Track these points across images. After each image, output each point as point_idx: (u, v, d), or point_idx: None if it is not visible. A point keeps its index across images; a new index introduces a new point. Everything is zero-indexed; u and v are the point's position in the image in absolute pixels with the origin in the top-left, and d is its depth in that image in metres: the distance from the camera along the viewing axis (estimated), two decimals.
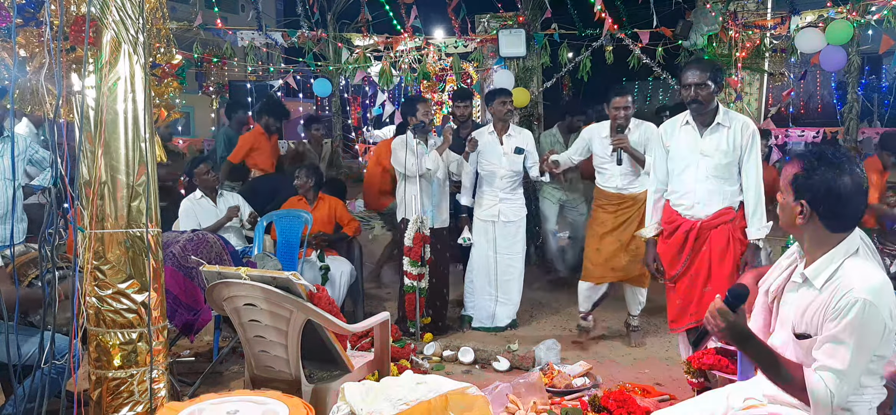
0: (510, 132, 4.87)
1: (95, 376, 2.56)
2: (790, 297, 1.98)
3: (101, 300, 2.50)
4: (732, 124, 3.37)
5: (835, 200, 1.83)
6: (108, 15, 2.43)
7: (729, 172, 3.39)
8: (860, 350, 1.76)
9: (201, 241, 3.87)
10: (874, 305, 1.74)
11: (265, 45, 7.64)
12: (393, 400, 2.26)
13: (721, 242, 3.40)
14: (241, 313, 2.91)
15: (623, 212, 4.42)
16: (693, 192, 3.45)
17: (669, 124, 3.61)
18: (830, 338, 1.79)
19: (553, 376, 3.80)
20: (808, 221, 1.88)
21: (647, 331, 4.88)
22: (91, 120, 2.46)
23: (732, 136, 3.36)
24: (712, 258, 3.41)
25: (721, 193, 3.41)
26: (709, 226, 3.42)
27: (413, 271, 4.65)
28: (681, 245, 3.47)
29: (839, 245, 1.86)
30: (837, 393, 1.77)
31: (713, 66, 3.43)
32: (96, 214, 2.47)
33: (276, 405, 2.30)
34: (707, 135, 3.40)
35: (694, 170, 3.44)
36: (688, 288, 3.48)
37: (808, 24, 6.14)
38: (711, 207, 3.42)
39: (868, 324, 1.75)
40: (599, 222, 4.49)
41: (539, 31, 6.98)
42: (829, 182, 1.82)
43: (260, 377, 3.01)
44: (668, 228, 3.56)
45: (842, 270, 1.83)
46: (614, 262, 4.41)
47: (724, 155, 3.36)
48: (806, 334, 1.88)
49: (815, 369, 1.81)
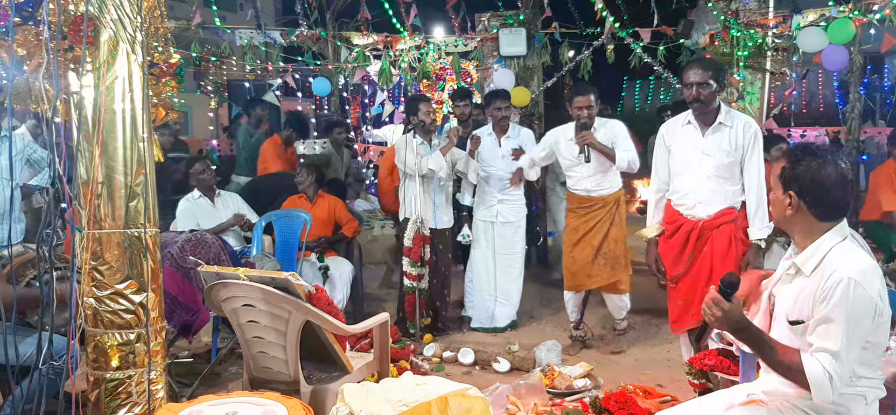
0: (509, 134, 4.87)
1: (93, 376, 2.55)
2: (783, 289, 2.04)
3: (99, 301, 2.49)
4: (734, 124, 3.35)
5: (819, 188, 1.91)
6: (107, 14, 2.42)
7: (731, 172, 3.37)
8: (851, 329, 1.79)
9: (199, 241, 3.86)
10: (860, 283, 1.80)
11: (264, 44, 7.62)
12: (393, 401, 2.25)
13: (723, 243, 3.38)
14: (239, 313, 2.89)
15: (593, 215, 4.30)
16: (694, 192, 3.44)
17: (671, 124, 3.59)
18: (821, 320, 1.84)
19: (554, 377, 3.79)
20: (797, 211, 1.95)
21: (647, 332, 4.87)
22: (89, 120, 2.45)
23: (734, 135, 3.34)
24: (714, 259, 3.39)
25: (723, 193, 3.39)
26: (710, 226, 3.41)
27: (413, 272, 4.64)
28: (682, 245, 3.46)
29: (827, 233, 1.93)
30: (835, 374, 1.79)
31: (715, 65, 3.41)
32: (94, 215, 2.45)
33: (274, 407, 2.29)
34: (709, 134, 3.39)
35: (695, 170, 3.42)
36: (690, 288, 3.46)
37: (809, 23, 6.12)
38: (713, 207, 3.40)
39: (856, 302, 1.79)
40: (571, 229, 4.39)
41: (540, 31, 6.96)
42: (814, 171, 1.91)
43: (259, 378, 3.00)
44: (669, 229, 3.54)
45: (830, 255, 1.90)
46: (590, 269, 4.29)
47: (725, 155, 3.34)
48: (798, 321, 1.92)
49: (810, 353, 1.84)
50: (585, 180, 4.31)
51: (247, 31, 7.60)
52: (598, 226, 4.28)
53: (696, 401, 2.40)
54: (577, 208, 4.38)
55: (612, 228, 4.28)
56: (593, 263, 4.27)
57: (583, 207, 4.34)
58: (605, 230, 4.27)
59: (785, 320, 1.98)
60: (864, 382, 1.90)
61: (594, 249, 4.27)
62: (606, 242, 4.27)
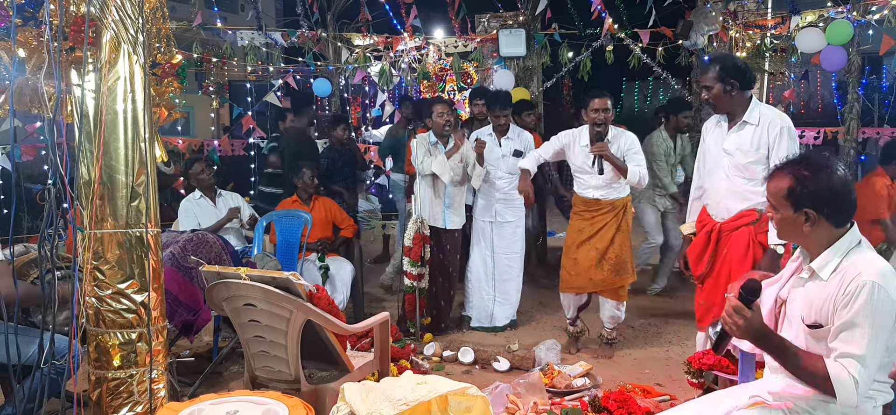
0: (509, 135, 4.88)
1: (95, 376, 2.55)
2: (797, 293, 2.01)
3: (101, 300, 2.50)
4: (761, 122, 3.18)
5: (835, 196, 1.88)
6: (108, 15, 2.42)
7: (752, 172, 3.20)
8: (875, 333, 1.78)
9: (201, 241, 3.87)
10: (883, 287, 1.78)
11: (265, 45, 7.64)
12: (393, 400, 2.26)
13: (741, 246, 3.23)
14: (240, 313, 2.90)
15: (600, 218, 4.22)
16: (716, 191, 3.33)
17: (710, 121, 3.47)
18: (845, 325, 1.82)
19: (553, 376, 3.80)
20: (815, 227, 1.92)
21: (647, 331, 4.88)
22: (90, 120, 2.46)
23: (759, 134, 3.18)
24: (732, 262, 3.25)
25: (742, 194, 3.23)
26: (729, 228, 3.27)
27: (413, 271, 4.65)
28: (704, 245, 3.35)
29: (843, 238, 1.92)
30: (860, 379, 1.78)
31: (721, 63, 3.24)
32: (96, 214, 2.46)
33: (275, 406, 2.30)
34: (732, 133, 3.25)
35: (718, 169, 3.31)
36: (712, 289, 3.34)
37: (808, 23, 6.14)
38: (732, 207, 3.26)
39: (879, 305, 1.78)
40: (576, 230, 4.31)
41: (539, 31, 6.97)
42: (826, 183, 1.88)
43: (260, 378, 3.01)
44: (697, 227, 3.48)
45: (847, 259, 1.88)
46: (593, 272, 4.21)
47: (744, 154, 3.19)
48: (817, 324, 1.90)
49: (834, 358, 1.82)
50: (594, 190, 4.25)
51: (248, 32, 7.61)
52: (604, 230, 4.21)
53: (696, 401, 2.38)
54: (582, 211, 4.31)
55: (618, 234, 4.21)
56: (597, 267, 4.20)
57: (589, 209, 4.27)
58: (611, 235, 4.20)
59: (800, 323, 1.95)
60: (876, 385, 1.90)
61: (600, 253, 4.20)
62: (613, 246, 4.19)
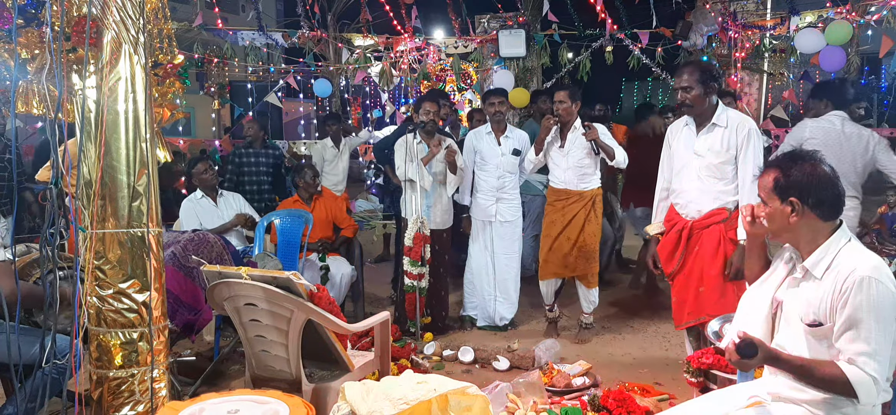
0: (508, 134, 4.89)
1: (96, 375, 2.57)
2: (793, 293, 2.01)
3: (102, 300, 2.51)
4: (729, 124, 3.35)
5: (819, 187, 1.92)
6: (109, 15, 2.44)
7: (722, 173, 3.36)
8: (880, 326, 1.80)
9: (202, 241, 3.88)
10: (879, 280, 1.80)
11: (266, 46, 7.65)
12: (393, 399, 2.27)
13: (712, 243, 3.38)
14: (241, 312, 2.91)
15: (570, 208, 4.52)
16: (687, 191, 3.47)
17: (675, 125, 3.62)
18: (847, 323, 1.83)
19: (553, 375, 3.81)
20: (801, 217, 1.94)
21: (646, 331, 4.89)
22: (92, 120, 2.47)
23: (728, 135, 3.34)
24: (704, 259, 3.40)
25: (713, 193, 3.39)
26: (700, 226, 3.42)
27: (413, 271, 4.66)
28: (675, 244, 3.48)
29: (834, 235, 1.94)
30: (876, 374, 1.79)
31: (700, 67, 3.41)
32: (97, 214, 2.48)
33: (276, 405, 2.31)
34: (701, 135, 3.40)
35: (689, 170, 3.45)
36: (683, 286, 3.48)
37: (807, 24, 6.15)
38: (703, 206, 3.41)
39: (879, 298, 1.80)
40: (549, 222, 4.62)
41: (539, 32, 6.99)
42: (809, 173, 1.93)
43: (261, 377, 3.01)
44: (667, 226, 3.58)
45: (839, 257, 1.90)
46: (566, 259, 4.56)
47: (715, 155, 3.35)
48: (817, 322, 1.91)
49: (846, 360, 1.83)
50: (565, 173, 4.54)
51: (249, 33, 7.62)
52: (574, 220, 4.52)
53: (696, 401, 2.39)
54: (555, 202, 4.61)
55: (587, 224, 4.52)
56: (569, 255, 4.54)
57: (560, 199, 4.57)
58: (581, 224, 4.51)
59: (799, 323, 1.96)
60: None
61: (571, 242, 4.53)
62: (582, 235, 4.51)
